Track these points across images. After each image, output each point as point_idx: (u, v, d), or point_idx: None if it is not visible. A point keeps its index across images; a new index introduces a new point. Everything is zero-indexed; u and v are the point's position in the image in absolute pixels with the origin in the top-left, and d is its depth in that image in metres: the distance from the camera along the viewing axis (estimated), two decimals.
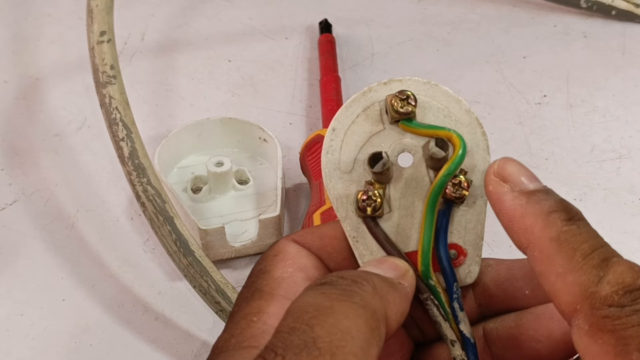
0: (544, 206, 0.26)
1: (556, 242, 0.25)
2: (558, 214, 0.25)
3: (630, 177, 0.52)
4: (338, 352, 0.22)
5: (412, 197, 0.28)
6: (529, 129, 0.56)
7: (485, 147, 0.28)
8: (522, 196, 0.26)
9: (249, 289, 0.27)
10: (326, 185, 0.29)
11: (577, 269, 0.24)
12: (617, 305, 0.23)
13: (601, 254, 0.25)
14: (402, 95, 0.27)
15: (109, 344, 0.42)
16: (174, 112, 0.57)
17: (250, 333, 0.25)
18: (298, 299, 0.24)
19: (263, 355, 0.22)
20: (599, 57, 0.62)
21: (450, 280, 0.28)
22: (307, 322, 0.22)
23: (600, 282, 0.24)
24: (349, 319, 0.23)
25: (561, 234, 0.25)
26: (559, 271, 0.24)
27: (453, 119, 0.28)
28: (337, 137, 0.28)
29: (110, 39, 0.44)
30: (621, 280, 0.24)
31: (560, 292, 0.24)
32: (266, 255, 0.29)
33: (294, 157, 0.52)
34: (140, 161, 0.41)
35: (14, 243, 0.47)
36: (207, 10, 0.68)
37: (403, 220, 0.28)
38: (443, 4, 0.68)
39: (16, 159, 0.53)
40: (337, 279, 0.24)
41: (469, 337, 0.28)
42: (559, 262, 0.24)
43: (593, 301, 0.24)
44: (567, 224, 0.25)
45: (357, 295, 0.24)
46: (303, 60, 0.62)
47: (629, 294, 0.23)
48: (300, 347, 0.22)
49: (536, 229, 0.25)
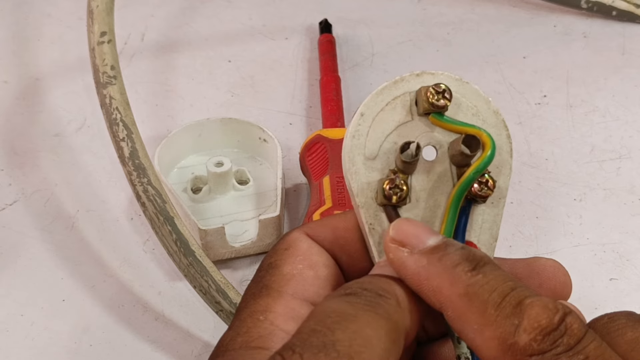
0: (446, 262, 0.25)
1: (465, 297, 0.24)
2: (462, 267, 0.25)
3: (630, 177, 0.52)
4: (356, 357, 0.22)
5: (433, 191, 0.28)
6: (528, 129, 0.56)
7: (508, 150, 0.29)
8: (422, 258, 0.25)
9: (257, 284, 0.27)
10: (347, 169, 0.28)
11: (492, 323, 0.24)
12: (538, 353, 0.23)
13: (513, 300, 0.24)
14: (438, 88, 0.27)
15: (109, 344, 0.42)
16: (173, 112, 0.57)
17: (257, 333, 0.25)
18: (322, 303, 0.24)
19: (281, 352, 0.22)
20: (599, 58, 0.62)
21: None
22: (329, 326, 0.23)
23: (517, 331, 0.23)
24: (372, 328, 0.23)
25: (469, 288, 0.24)
26: (474, 327, 0.24)
27: (481, 118, 0.29)
28: (365, 123, 0.28)
29: (110, 39, 0.44)
30: (537, 325, 0.23)
31: (481, 349, 0.24)
32: (277, 248, 0.28)
33: (294, 157, 0.52)
34: (140, 161, 0.41)
35: (14, 243, 0.47)
36: (207, 11, 0.68)
37: (423, 213, 0.28)
38: (443, 4, 0.68)
39: (16, 159, 0.53)
40: (362, 290, 0.25)
41: None
42: (473, 319, 0.24)
43: (514, 354, 0.23)
44: (472, 275, 0.24)
45: (381, 308, 0.24)
46: (303, 61, 0.62)
47: (547, 337, 0.23)
48: (319, 348, 0.22)
49: (444, 288, 0.25)
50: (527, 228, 0.48)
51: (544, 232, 0.48)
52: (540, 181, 0.51)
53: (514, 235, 0.48)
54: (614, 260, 0.46)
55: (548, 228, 0.48)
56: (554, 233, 0.48)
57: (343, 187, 0.46)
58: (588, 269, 0.46)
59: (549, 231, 0.48)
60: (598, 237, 0.48)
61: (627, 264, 0.46)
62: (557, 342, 0.23)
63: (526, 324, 0.23)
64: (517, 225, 0.48)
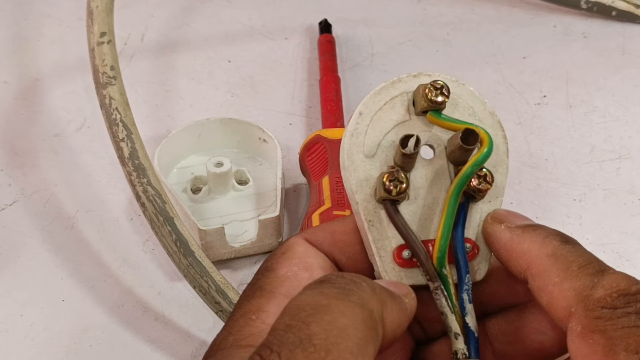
0: (540, 233, 0.27)
1: (552, 257, 0.26)
2: (554, 237, 0.27)
3: (630, 177, 0.52)
4: (333, 348, 0.22)
5: (431, 188, 0.29)
6: (528, 129, 0.56)
7: (505, 150, 0.29)
8: (518, 229, 0.28)
9: (252, 287, 0.28)
10: (346, 167, 0.28)
11: (573, 277, 0.25)
12: (610, 307, 0.24)
13: (597, 266, 0.25)
14: (436, 85, 0.28)
15: (108, 345, 0.42)
16: (173, 112, 0.57)
17: (249, 331, 0.26)
18: (296, 297, 0.24)
19: (259, 352, 0.22)
20: (599, 58, 0.62)
21: (463, 271, 0.28)
22: (303, 320, 0.22)
23: (595, 286, 0.24)
24: (346, 317, 0.23)
25: (557, 250, 0.26)
26: (555, 281, 0.25)
27: (477, 118, 0.29)
28: (363, 121, 0.29)
29: (110, 40, 0.44)
30: (615, 285, 0.24)
31: (556, 299, 0.25)
32: (275, 252, 0.29)
33: (294, 157, 0.52)
34: (140, 162, 0.41)
35: (14, 243, 0.47)
36: (207, 11, 0.68)
37: (421, 210, 0.29)
38: (443, 4, 0.68)
39: (16, 159, 0.53)
40: (336, 277, 0.24)
41: (473, 331, 0.28)
42: (556, 273, 0.25)
43: (587, 303, 0.24)
44: (562, 244, 0.26)
45: (355, 294, 0.24)
46: (302, 61, 0.62)
47: (622, 297, 0.24)
48: (295, 344, 0.22)
49: (533, 249, 0.27)
50: None
51: None
52: (540, 181, 0.52)
53: None
54: (614, 261, 0.46)
55: None
56: None
57: (342, 188, 0.46)
58: None
59: None
60: (598, 238, 0.48)
61: (627, 264, 0.46)
62: (630, 304, 0.24)
63: (606, 282, 0.24)
64: None
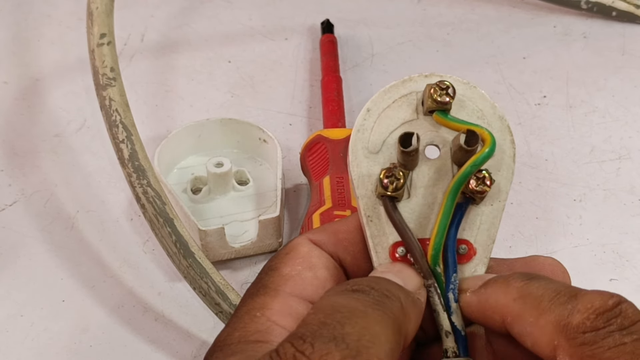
0: (501, 281, 0.27)
1: (520, 299, 0.25)
2: (515, 279, 0.26)
3: (630, 177, 0.52)
4: (364, 351, 0.22)
5: (433, 188, 0.29)
6: (528, 129, 0.56)
7: (511, 155, 0.29)
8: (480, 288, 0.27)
9: (255, 285, 0.28)
10: (350, 162, 0.29)
11: (547, 311, 0.24)
12: (591, 329, 0.23)
13: (567, 293, 0.25)
14: (442, 85, 0.28)
15: (108, 345, 0.42)
16: (173, 112, 0.57)
17: (255, 328, 0.26)
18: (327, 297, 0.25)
19: (290, 340, 0.22)
20: (599, 58, 0.62)
21: (450, 270, 0.28)
22: (339, 320, 0.23)
23: (571, 313, 0.24)
24: (380, 326, 0.23)
25: (522, 291, 0.25)
26: (530, 321, 0.25)
27: (486, 122, 0.29)
28: (370, 118, 0.29)
29: (110, 41, 0.44)
30: (590, 305, 0.24)
31: (537, 339, 0.25)
32: (278, 253, 0.29)
33: (294, 157, 0.52)
34: (140, 163, 0.41)
35: (14, 244, 0.47)
36: (207, 11, 0.68)
37: (421, 209, 0.29)
38: (443, 4, 0.68)
39: (16, 159, 0.53)
40: (369, 289, 0.25)
41: (459, 329, 0.28)
42: (529, 313, 0.25)
43: (568, 333, 0.24)
44: (525, 283, 0.26)
45: (389, 308, 0.24)
46: (303, 61, 0.62)
47: (600, 316, 0.23)
48: (329, 339, 0.22)
49: (500, 299, 0.26)
50: (527, 229, 0.48)
51: (544, 232, 0.48)
52: (540, 182, 0.51)
53: (514, 236, 0.48)
54: (613, 261, 0.46)
55: (548, 228, 0.48)
56: (553, 234, 0.48)
57: (343, 188, 0.46)
58: (588, 269, 0.46)
59: (548, 232, 0.48)
60: (598, 238, 0.48)
61: (627, 265, 0.46)
62: (610, 322, 0.23)
63: (580, 306, 0.24)
64: (516, 226, 0.48)
